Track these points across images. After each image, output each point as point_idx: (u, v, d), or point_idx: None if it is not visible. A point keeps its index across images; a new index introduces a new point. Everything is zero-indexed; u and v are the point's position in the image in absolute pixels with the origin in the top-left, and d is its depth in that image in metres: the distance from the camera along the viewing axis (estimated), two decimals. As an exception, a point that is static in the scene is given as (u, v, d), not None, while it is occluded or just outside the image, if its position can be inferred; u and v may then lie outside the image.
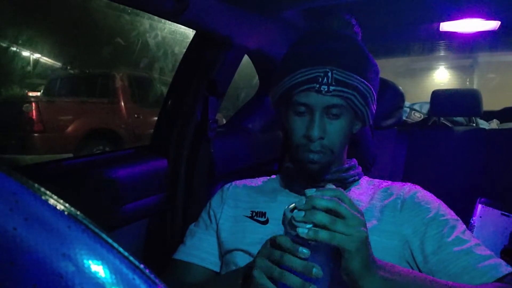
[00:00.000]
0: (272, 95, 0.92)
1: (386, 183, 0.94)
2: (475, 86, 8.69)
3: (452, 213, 0.86)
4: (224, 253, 0.91)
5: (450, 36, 1.72)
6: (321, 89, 0.82)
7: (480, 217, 1.25)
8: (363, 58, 0.89)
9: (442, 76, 9.98)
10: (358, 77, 0.85)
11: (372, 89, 0.88)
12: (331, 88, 0.82)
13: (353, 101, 0.84)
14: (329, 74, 0.82)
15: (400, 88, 1.63)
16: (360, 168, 0.98)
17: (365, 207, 0.87)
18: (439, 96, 1.91)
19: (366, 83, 0.86)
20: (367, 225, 0.79)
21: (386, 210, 0.86)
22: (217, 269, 0.93)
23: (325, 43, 0.88)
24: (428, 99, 1.98)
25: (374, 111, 0.92)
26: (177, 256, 0.95)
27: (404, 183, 0.92)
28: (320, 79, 0.82)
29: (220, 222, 0.94)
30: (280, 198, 0.93)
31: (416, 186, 0.91)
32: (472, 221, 1.25)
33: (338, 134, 0.86)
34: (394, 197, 0.87)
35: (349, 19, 0.93)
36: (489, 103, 2.32)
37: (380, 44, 2.33)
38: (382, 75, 1.69)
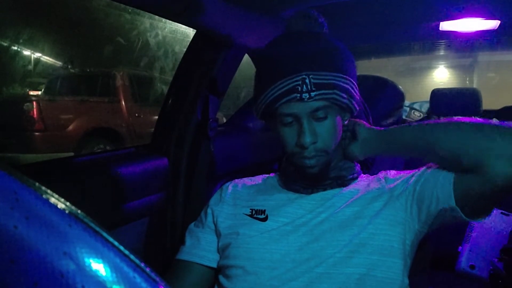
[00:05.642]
0: (256, 109, 0.92)
1: (381, 175, 0.97)
2: (475, 85, 8.67)
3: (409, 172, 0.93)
4: (223, 249, 0.92)
5: (450, 35, 1.72)
6: (303, 97, 0.82)
7: (480, 216, 1.25)
8: (334, 52, 0.88)
9: (442, 75, 9.95)
10: (335, 74, 0.84)
11: (351, 79, 0.88)
12: (312, 94, 0.82)
13: (336, 99, 0.84)
14: (307, 80, 0.82)
15: (400, 87, 1.63)
16: (359, 166, 1.00)
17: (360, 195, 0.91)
18: (439, 95, 1.91)
19: (344, 76, 0.86)
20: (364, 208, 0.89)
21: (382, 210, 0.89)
22: (215, 265, 0.95)
23: (296, 46, 0.88)
24: (428, 98, 1.98)
25: (358, 97, 0.91)
26: (179, 256, 0.98)
27: (381, 175, 0.97)
28: (299, 88, 0.82)
29: (219, 221, 0.95)
30: (279, 195, 0.94)
31: (385, 173, 0.97)
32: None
33: (329, 133, 0.86)
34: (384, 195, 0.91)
35: (317, 17, 0.94)
36: (489, 102, 2.32)
37: (380, 44, 2.33)
38: (383, 74, 1.70)
